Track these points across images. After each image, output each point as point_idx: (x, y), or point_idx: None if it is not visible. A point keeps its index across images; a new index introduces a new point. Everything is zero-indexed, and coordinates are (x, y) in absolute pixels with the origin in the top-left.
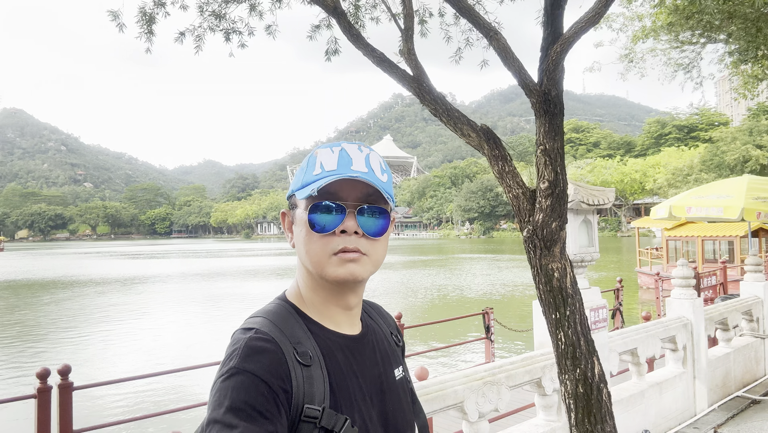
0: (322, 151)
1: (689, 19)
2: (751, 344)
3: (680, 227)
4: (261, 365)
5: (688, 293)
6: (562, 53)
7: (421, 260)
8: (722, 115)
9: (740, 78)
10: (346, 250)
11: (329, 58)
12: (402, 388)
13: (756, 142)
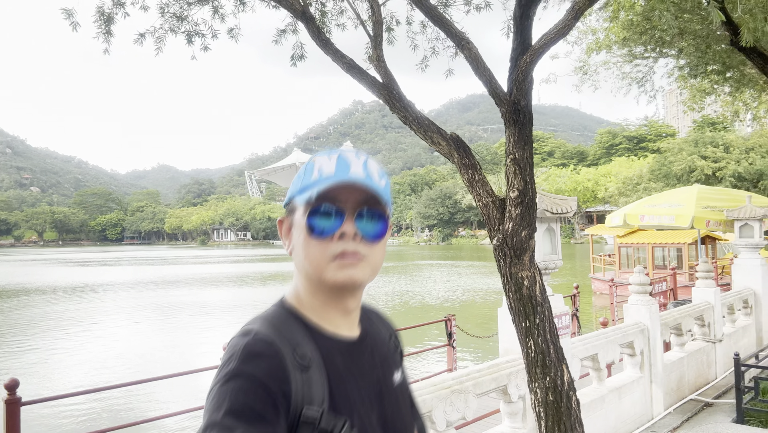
0: (319, 158)
1: (643, 35)
2: (703, 348)
3: (632, 234)
4: (260, 367)
5: (644, 299)
6: (531, 64)
7: (385, 266)
8: (669, 127)
9: (689, 92)
10: (345, 254)
11: (295, 63)
12: (401, 392)
13: (701, 153)
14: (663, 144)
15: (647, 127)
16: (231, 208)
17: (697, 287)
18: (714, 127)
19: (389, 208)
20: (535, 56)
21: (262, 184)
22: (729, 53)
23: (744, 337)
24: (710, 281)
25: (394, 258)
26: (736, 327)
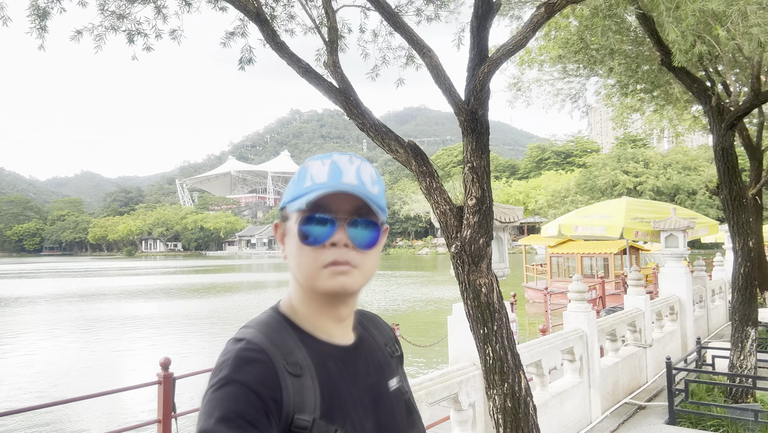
0: (312, 164)
1: (577, 53)
2: (636, 353)
3: (562, 244)
4: (251, 375)
5: (583, 306)
6: (489, 74)
7: None
8: (594, 143)
9: (617, 109)
10: (337, 263)
11: (243, 67)
12: (396, 399)
13: (623, 168)
14: (588, 159)
15: (574, 143)
16: (161, 217)
17: (628, 294)
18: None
19: (383, 216)
20: (493, 67)
21: (194, 192)
22: (657, 73)
23: (671, 342)
24: (641, 288)
25: None
26: (664, 332)
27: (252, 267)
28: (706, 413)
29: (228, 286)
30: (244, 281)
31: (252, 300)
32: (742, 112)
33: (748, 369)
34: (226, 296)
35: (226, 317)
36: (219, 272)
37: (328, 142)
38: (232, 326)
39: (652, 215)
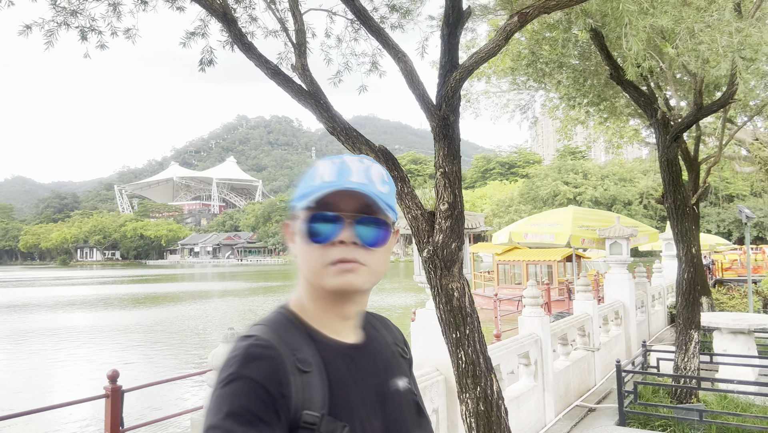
0: (322, 163)
1: (528, 66)
2: (585, 356)
3: (508, 252)
4: (259, 370)
5: (537, 311)
6: (461, 81)
7: (269, 286)
8: (536, 155)
9: (562, 121)
10: (344, 260)
11: (203, 68)
12: (405, 399)
13: (563, 179)
14: (531, 170)
15: (517, 154)
16: (98, 224)
17: (577, 300)
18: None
19: (392, 215)
20: (465, 74)
21: (134, 199)
22: (603, 87)
23: (617, 345)
24: (589, 294)
25: (281, 277)
26: (610, 336)
27: (195, 276)
28: (653, 414)
29: (170, 296)
30: (187, 290)
31: (196, 310)
32: (686, 124)
33: (691, 371)
34: (169, 307)
35: (171, 328)
36: (160, 282)
37: (275, 149)
38: (176, 337)
39: (597, 224)
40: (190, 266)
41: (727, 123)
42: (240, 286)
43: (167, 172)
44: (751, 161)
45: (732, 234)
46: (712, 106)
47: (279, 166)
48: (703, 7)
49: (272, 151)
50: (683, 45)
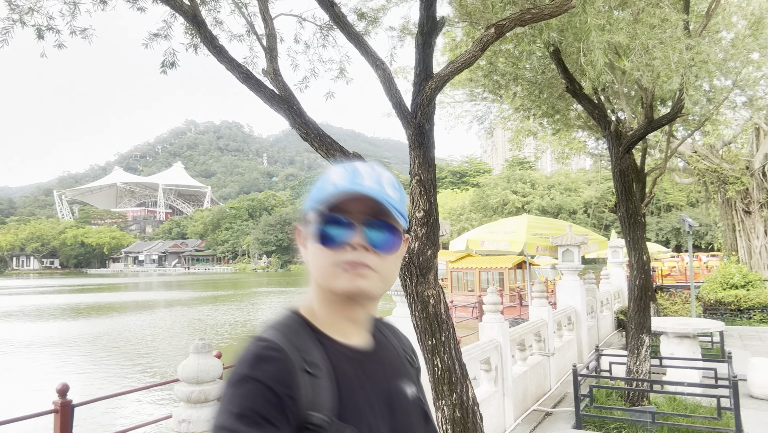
0: (334, 169)
1: (485, 77)
2: (541, 361)
3: (461, 259)
4: (268, 372)
5: (497, 317)
6: (436, 90)
7: (218, 295)
8: (486, 164)
9: (514, 132)
10: (354, 264)
11: (165, 70)
12: (414, 406)
13: (512, 188)
14: (481, 179)
15: (468, 163)
16: (35, 231)
17: (533, 306)
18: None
19: (403, 222)
20: (440, 83)
21: (75, 205)
22: (557, 99)
23: (569, 350)
24: (544, 300)
25: (231, 286)
26: (563, 341)
27: (140, 285)
28: (608, 417)
29: (114, 306)
30: (132, 300)
31: (142, 321)
32: (638, 137)
33: (643, 374)
34: (114, 317)
35: (117, 339)
36: (103, 291)
37: (225, 155)
38: (123, 349)
39: (550, 232)
40: (135, 274)
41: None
42: (188, 295)
43: (111, 177)
44: (690, 173)
45: (670, 242)
46: (662, 120)
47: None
48: (655, 24)
49: (222, 157)
50: (638, 60)
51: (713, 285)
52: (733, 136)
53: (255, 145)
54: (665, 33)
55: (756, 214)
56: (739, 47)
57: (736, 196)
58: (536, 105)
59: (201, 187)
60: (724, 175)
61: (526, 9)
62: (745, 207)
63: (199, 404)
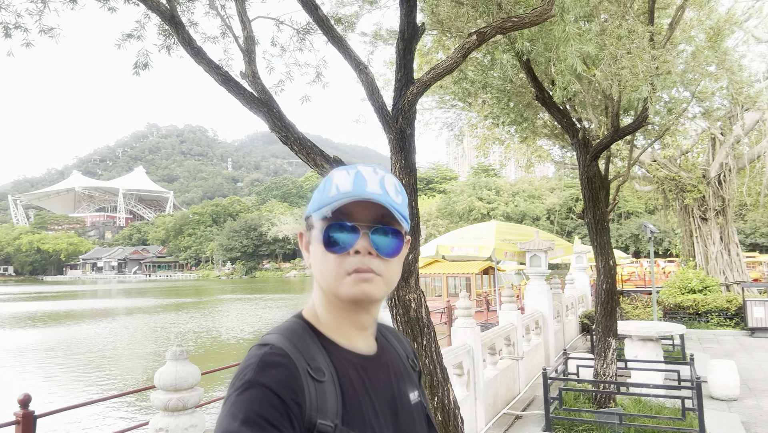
0: (337, 174)
1: (455, 84)
2: (510, 365)
3: (429, 265)
4: (275, 378)
5: (469, 322)
6: (417, 95)
7: (181, 302)
8: (452, 171)
9: (480, 139)
10: (360, 270)
11: (137, 72)
12: (417, 412)
13: (478, 195)
14: (448, 186)
15: (434, 170)
16: None
17: (503, 310)
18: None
19: (406, 225)
20: (422, 88)
21: (30, 210)
22: (525, 107)
23: (537, 354)
24: (513, 304)
25: (194, 294)
26: (531, 345)
27: (99, 293)
28: (577, 419)
29: (72, 314)
30: (91, 308)
31: (103, 329)
32: (605, 145)
33: (610, 376)
34: (72, 325)
35: (77, 348)
36: (60, 299)
37: (189, 159)
38: (84, 358)
39: (518, 237)
40: (93, 282)
41: (629, 145)
42: (149, 303)
43: (69, 182)
44: (650, 181)
45: (629, 248)
46: (628, 129)
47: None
48: (623, 35)
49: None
50: (607, 69)
51: (672, 290)
52: (690, 146)
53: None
54: (633, 43)
55: (712, 221)
56: (699, 60)
57: (694, 203)
58: (505, 113)
59: (163, 192)
60: (682, 184)
61: (507, 17)
62: (702, 214)
63: (177, 412)
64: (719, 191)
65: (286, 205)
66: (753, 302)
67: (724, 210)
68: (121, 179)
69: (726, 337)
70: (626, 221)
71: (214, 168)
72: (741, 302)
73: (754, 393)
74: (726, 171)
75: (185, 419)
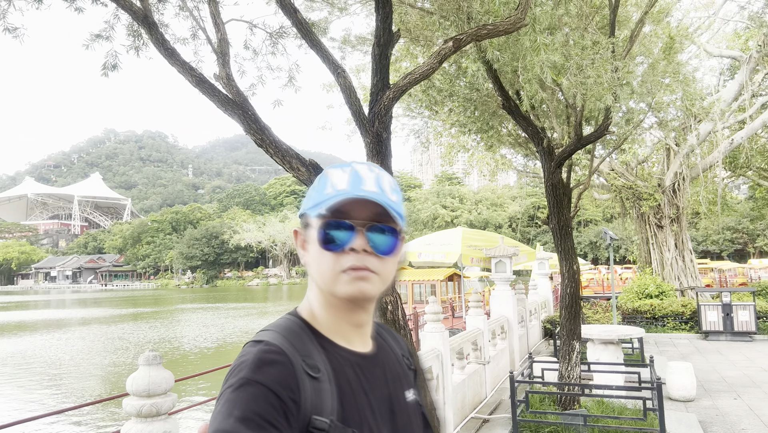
0: (333, 172)
1: (423, 93)
2: (477, 370)
3: None
4: (270, 375)
5: (438, 327)
6: (394, 99)
7: (139, 312)
8: (416, 179)
9: (446, 147)
10: (356, 268)
11: (106, 73)
12: (413, 411)
13: (442, 203)
14: (412, 194)
15: (399, 178)
16: None
17: (470, 315)
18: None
19: (402, 223)
20: (398, 93)
21: None
22: (491, 116)
23: (503, 358)
24: (480, 309)
25: (152, 303)
26: (497, 350)
27: (52, 303)
28: (543, 421)
29: (24, 325)
30: (44, 318)
31: (57, 340)
32: (569, 152)
33: (574, 379)
34: (25, 337)
35: (31, 360)
36: (10, 309)
37: (148, 166)
38: (39, 369)
39: (484, 243)
40: (46, 291)
41: (590, 154)
42: (106, 313)
43: (21, 188)
44: (608, 189)
45: (587, 255)
46: (591, 137)
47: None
48: (587, 46)
49: (144, 168)
50: (573, 79)
51: (630, 295)
52: (645, 155)
53: (180, 156)
54: (597, 54)
55: (667, 228)
56: (656, 72)
57: (650, 211)
58: (471, 121)
59: (120, 199)
60: (638, 192)
61: (482, 25)
62: (658, 222)
63: (150, 418)
64: (674, 200)
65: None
66: (707, 306)
67: (678, 218)
68: (76, 186)
69: (681, 340)
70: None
71: (174, 175)
72: (695, 306)
73: (709, 394)
74: (680, 180)
75: (159, 425)
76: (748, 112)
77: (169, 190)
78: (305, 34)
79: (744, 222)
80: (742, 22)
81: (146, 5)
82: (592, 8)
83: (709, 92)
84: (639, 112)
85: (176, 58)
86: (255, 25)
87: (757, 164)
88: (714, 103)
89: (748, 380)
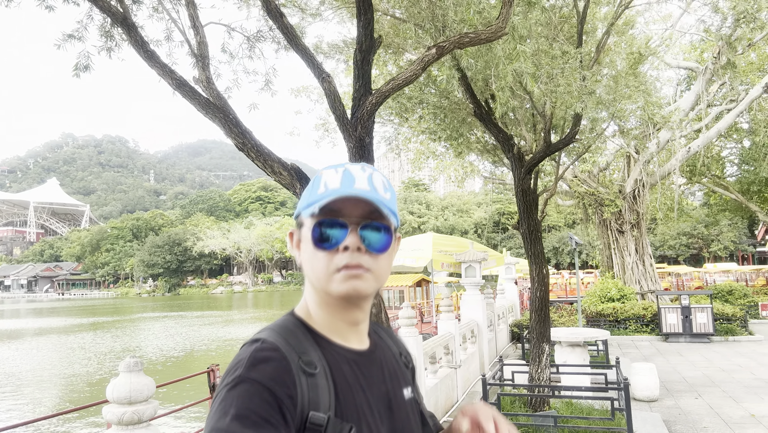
0: (326, 172)
1: (393, 100)
2: (449, 374)
3: None
4: (266, 373)
5: (412, 331)
6: (376, 105)
7: (98, 322)
8: None
9: (415, 153)
10: (349, 266)
11: (78, 74)
12: (411, 408)
13: (409, 209)
14: None
15: None
16: None
17: (441, 319)
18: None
19: (395, 221)
20: (381, 98)
21: None
22: (461, 123)
23: (473, 362)
24: (451, 314)
25: (112, 312)
26: (468, 353)
27: (5, 313)
28: (514, 423)
29: None
30: None
31: (13, 351)
32: (538, 159)
33: (544, 380)
34: None
35: None
36: None
37: (107, 171)
38: None
39: (454, 248)
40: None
41: (554, 162)
42: (63, 323)
43: None
44: (571, 196)
45: (550, 260)
46: (559, 144)
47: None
48: (557, 55)
49: (103, 174)
50: (544, 87)
51: (593, 299)
52: (607, 162)
53: (141, 162)
54: (567, 63)
55: (628, 233)
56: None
57: (611, 217)
58: (441, 128)
59: (78, 206)
60: (600, 198)
61: (464, 33)
62: (619, 227)
63: (132, 425)
64: (634, 206)
65: (213, 219)
66: (667, 309)
67: (638, 223)
68: (32, 191)
69: (643, 342)
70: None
71: (134, 180)
72: (656, 309)
73: (671, 394)
74: (640, 187)
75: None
76: (704, 122)
77: (129, 196)
78: (291, 38)
79: (699, 228)
80: (698, 35)
81: (125, 7)
82: (560, 18)
83: (667, 102)
84: (602, 121)
85: (156, 60)
86: (233, 29)
87: (712, 172)
88: (673, 112)
89: (708, 379)
